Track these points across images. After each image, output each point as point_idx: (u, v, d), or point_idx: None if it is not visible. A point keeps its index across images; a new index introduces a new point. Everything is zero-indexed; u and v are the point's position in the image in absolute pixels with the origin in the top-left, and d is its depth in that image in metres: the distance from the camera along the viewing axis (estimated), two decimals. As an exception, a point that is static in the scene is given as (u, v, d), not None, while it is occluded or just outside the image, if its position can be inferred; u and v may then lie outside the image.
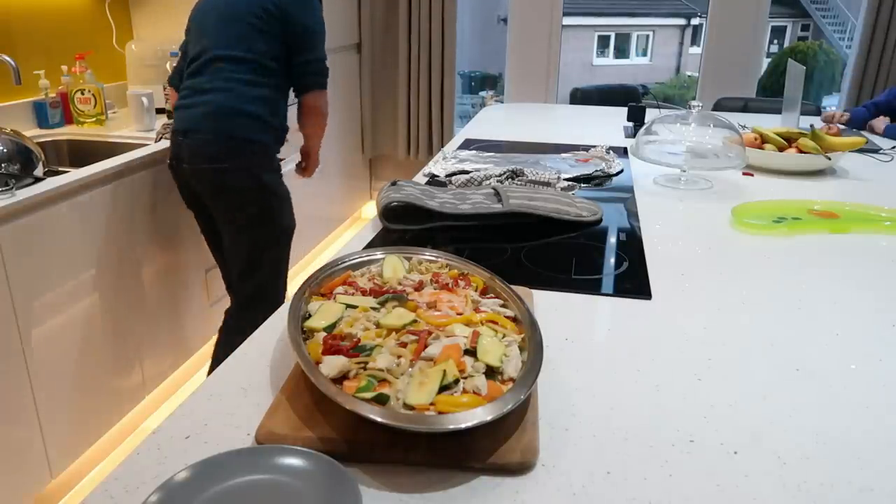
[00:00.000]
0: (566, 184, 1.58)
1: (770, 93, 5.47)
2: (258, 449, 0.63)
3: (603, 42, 9.17)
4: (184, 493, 0.57)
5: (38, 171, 1.86)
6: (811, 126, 1.87)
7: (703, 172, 1.68)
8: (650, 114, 2.21)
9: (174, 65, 2.26)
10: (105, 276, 1.90)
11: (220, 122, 1.86)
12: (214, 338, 2.17)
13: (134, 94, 2.33)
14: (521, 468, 0.63)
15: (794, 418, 0.73)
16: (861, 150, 1.99)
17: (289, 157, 2.30)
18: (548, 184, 1.53)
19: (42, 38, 2.38)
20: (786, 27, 8.30)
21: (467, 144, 2.04)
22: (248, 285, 2.04)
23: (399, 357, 0.71)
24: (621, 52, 9.25)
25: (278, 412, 0.69)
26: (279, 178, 2.01)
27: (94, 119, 2.43)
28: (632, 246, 1.24)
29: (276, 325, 0.89)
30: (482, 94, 6.24)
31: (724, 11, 3.60)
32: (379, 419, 0.61)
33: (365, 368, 0.69)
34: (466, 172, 1.61)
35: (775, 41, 8.04)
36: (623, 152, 1.91)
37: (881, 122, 2.29)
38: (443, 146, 2.16)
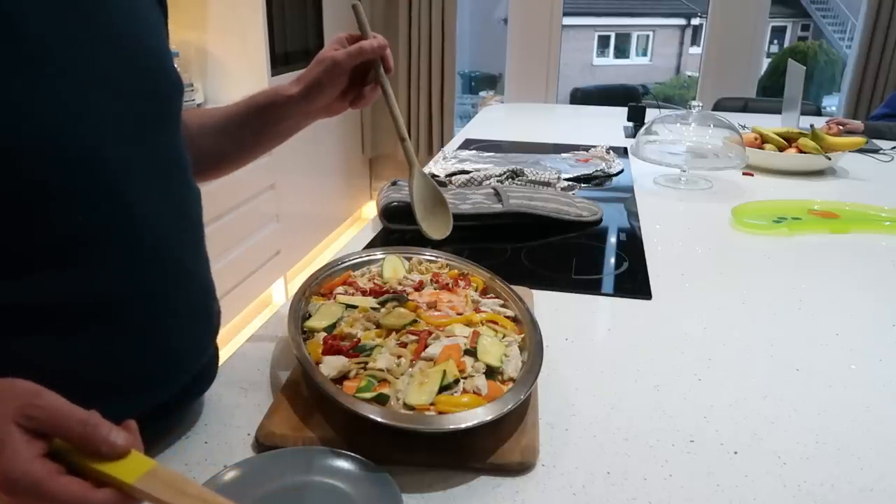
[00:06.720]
0: (566, 184, 1.58)
1: (770, 93, 5.46)
2: (303, 450, 0.63)
3: (603, 42, 9.15)
4: (232, 492, 0.57)
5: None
6: (811, 126, 1.87)
7: (703, 172, 1.68)
8: (650, 114, 2.21)
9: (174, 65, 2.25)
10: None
11: None
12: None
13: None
14: (521, 468, 0.63)
15: (794, 418, 0.73)
16: (861, 150, 1.98)
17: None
18: (548, 184, 1.53)
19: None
20: (786, 27, 8.29)
21: (467, 144, 2.04)
22: None
23: (399, 357, 0.71)
24: (621, 52, 9.24)
25: (278, 412, 0.69)
26: None
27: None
28: (632, 246, 1.24)
29: (276, 325, 0.89)
30: (482, 94, 6.24)
31: (724, 11, 3.60)
32: (379, 419, 0.61)
33: (365, 368, 0.69)
34: (466, 172, 1.61)
35: (775, 41, 8.03)
36: (623, 152, 1.91)
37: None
38: (443, 146, 2.16)
